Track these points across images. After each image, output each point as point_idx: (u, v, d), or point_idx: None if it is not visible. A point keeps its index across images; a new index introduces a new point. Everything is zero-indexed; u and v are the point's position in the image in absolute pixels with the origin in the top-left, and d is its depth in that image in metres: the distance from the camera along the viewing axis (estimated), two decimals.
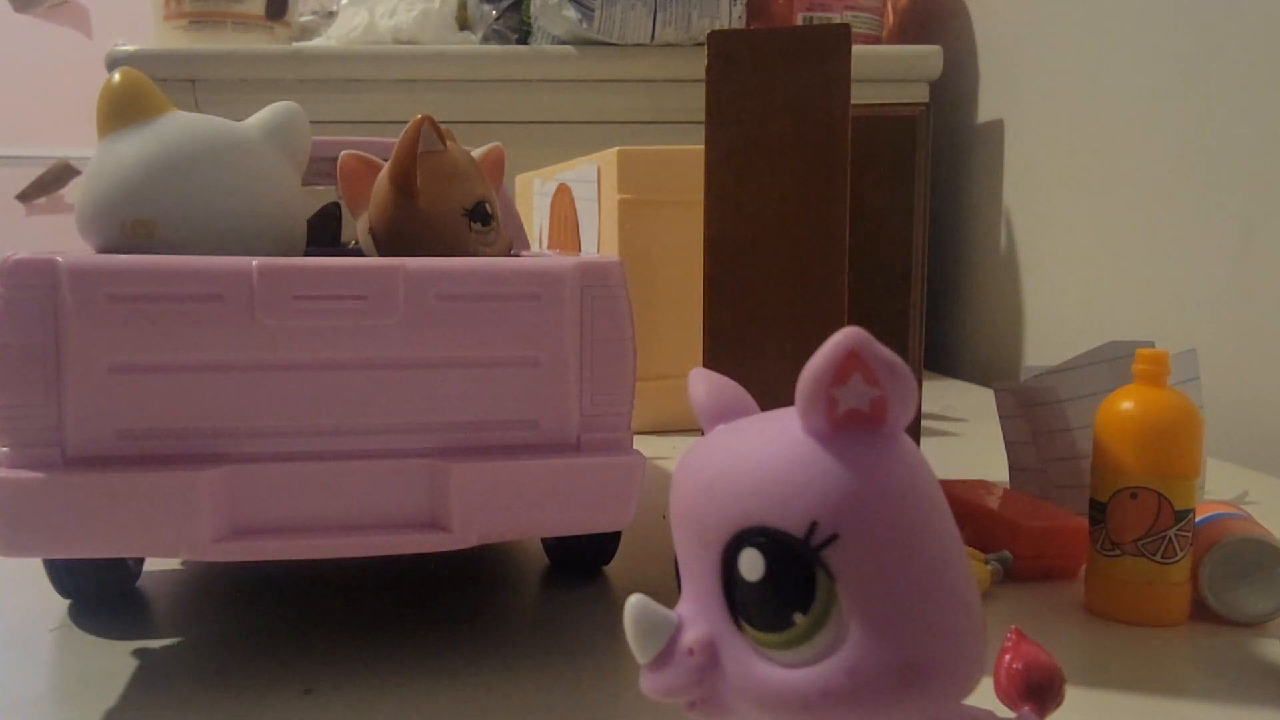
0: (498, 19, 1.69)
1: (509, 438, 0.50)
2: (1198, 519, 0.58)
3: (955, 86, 1.66)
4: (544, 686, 0.49)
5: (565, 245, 1.23)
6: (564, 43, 1.62)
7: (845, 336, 0.23)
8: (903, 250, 0.73)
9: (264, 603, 0.59)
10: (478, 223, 0.58)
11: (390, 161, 0.57)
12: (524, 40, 1.70)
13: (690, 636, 0.25)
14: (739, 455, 0.25)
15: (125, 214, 0.53)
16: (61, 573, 0.57)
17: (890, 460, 0.24)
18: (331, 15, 1.78)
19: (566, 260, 0.50)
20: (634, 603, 0.25)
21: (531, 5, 1.64)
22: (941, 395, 1.34)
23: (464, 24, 1.69)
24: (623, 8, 1.56)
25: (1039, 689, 0.28)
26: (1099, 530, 0.56)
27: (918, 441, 0.45)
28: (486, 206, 0.58)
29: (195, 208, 0.53)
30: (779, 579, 0.24)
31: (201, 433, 0.47)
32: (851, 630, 0.23)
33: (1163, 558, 0.55)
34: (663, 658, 0.25)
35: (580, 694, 0.48)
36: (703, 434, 0.28)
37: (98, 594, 0.59)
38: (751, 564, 0.24)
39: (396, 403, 0.48)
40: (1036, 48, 1.43)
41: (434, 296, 0.48)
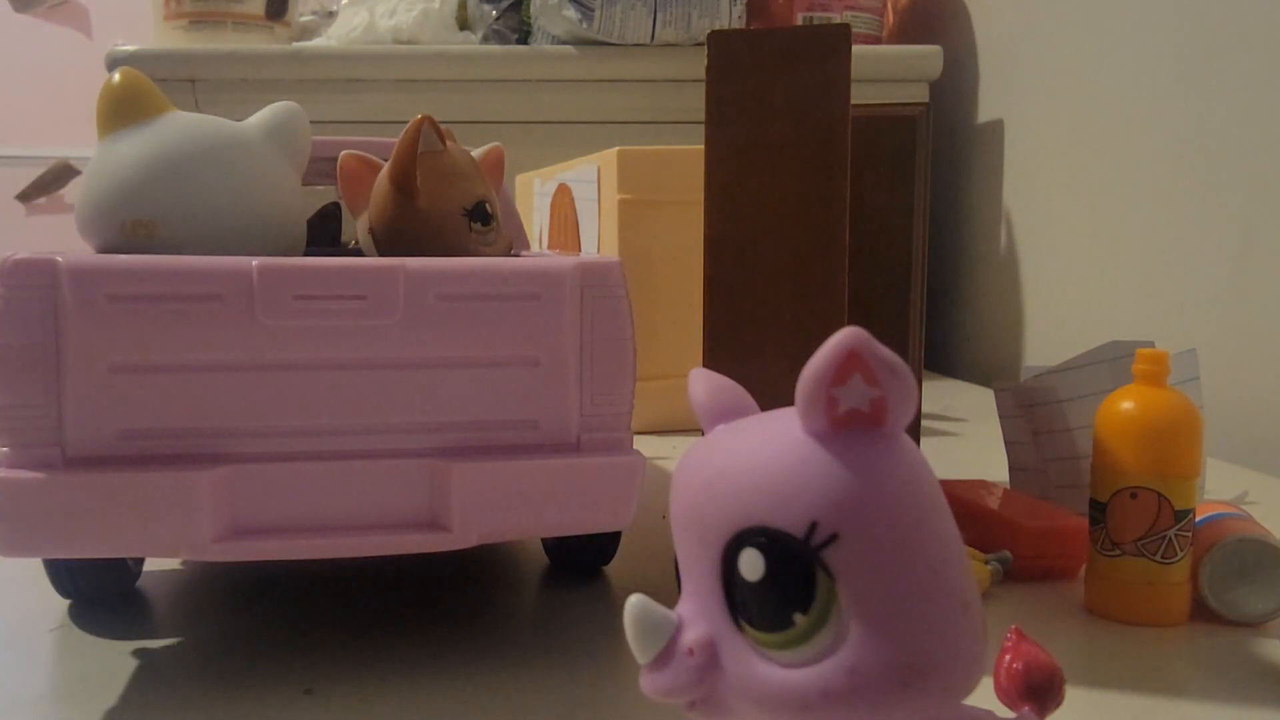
0: (498, 19, 1.69)
1: (509, 438, 0.50)
2: (1198, 519, 0.58)
3: (955, 86, 1.66)
4: (544, 686, 0.49)
5: (565, 245, 1.23)
6: (564, 43, 1.62)
7: (845, 336, 0.23)
8: (903, 250, 0.73)
9: (264, 603, 0.59)
10: (478, 223, 0.58)
11: (390, 161, 0.57)
12: (524, 40, 1.70)
13: (690, 636, 0.25)
14: (739, 455, 0.25)
15: (125, 214, 0.53)
16: (61, 573, 0.57)
17: (890, 460, 0.24)
18: (331, 15, 1.78)
19: (566, 260, 0.50)
20: (634, 603, 0.25)
21: (531, 5, 1.64)
22: (941, 395, 1.34)
23: (464, 24, 1.69)
24: (623, 8, 1.56)
25: (1039, 689, 0.28)
26: (1099, 530, 0.56)
27: (918, 441, 0.45)
28: (486, 206, 0.58)
29: (195, 208, 0.53)
30: (779, 579, 0.24)
31: (201, 433, 0.47)
32: (851, 630, 0.23)
33: (1163, 558, 0.55)
34: (663, 658, 0.25)
35: (580, 694, 0.48)
36: (703, 434, 0.28)
37: (98, 594, 0.59)
38: (751, 564, 0.24)
39: (396, 403, 0.48)
40: (1036, 48, 1.43)
41: (434, 296, 0.48)
